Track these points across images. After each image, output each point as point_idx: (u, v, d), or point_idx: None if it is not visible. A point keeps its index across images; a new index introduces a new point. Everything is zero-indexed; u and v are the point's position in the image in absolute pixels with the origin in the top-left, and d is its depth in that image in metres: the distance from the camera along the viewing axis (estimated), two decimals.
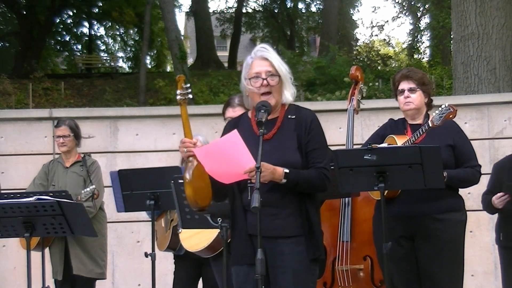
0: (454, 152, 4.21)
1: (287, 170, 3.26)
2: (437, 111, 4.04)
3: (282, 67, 3.42)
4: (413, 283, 4.23)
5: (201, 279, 5.12)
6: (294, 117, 3.43)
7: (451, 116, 4.02)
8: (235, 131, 3.30)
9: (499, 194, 4.86)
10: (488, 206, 5.02)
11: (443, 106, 4.03)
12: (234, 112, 4.19)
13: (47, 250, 5.46)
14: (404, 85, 4.31)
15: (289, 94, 3.47)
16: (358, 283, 4.53)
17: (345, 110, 4.92)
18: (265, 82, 3.37)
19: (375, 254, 4.46)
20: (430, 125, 4.04)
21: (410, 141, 4.11)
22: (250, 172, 3.19)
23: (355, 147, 4.85)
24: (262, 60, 3.40)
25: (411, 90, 4.29)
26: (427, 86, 4.36)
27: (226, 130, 3.54)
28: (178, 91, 3.44)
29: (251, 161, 3.19)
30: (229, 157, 3.26)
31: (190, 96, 3.48)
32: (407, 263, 4.21)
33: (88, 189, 5.29)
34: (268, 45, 3.52)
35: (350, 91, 4.94)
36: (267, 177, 3.21)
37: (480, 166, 4.30)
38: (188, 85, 3.49)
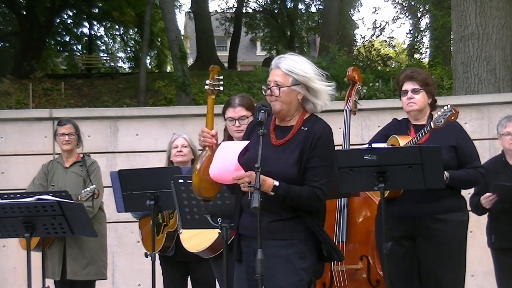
0: (456, 153, 4.21)
1: (276, 183, 3.22)
2: (439, 113, 4.04)
3: (298, 72, 3.34)
4: (413, 283, 4.23)
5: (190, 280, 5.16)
6: (306, 129, 3.38)
7: (452, 118, 4.02)
8: (247, 142, 3.32)
9: (487, 194, 4.92)
10: (476, 207, 5.07)
11: (445, 108, 4.02)
12: (234, 112, 4.20)
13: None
14: (408, 86, 4.30)
15: (315, 102, 3.40)
16: (355, 283, 4.53)
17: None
18: (268, 91, 3.38)
19: (371, 254, 4.47)
20: (432, 126, 4.04)
21: (413, 142, 4.11)
22: (238, 180, 3.21)
23: (352, 147, 4.86)
24: (276, 69, 3.40)
25: (414, 91, 4.28)
26: (431, 87, 4.35)
27: (247, 128, 3.61)
28: (208, 81, 3.44)
29: (239, 170, 3.23)
30: (226, 158, 3.30)
31: (221, 88, 3.48)
32: (407, 263, 4.21)
33: (88, 188, 5.29)
34: (296, 55, 3.44)
35: (347, 92, 4.94)
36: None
37: (482, 167, 4.31)
38: (221, 77, 3.49)
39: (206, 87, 3.45)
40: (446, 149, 4.11)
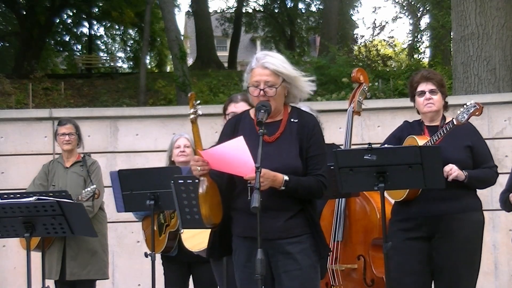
0: (472, 153, 4.21)
1: (287, 178, 3.26)
2: (462, 109, 4.05)
3: (286, 72, 3.39)
4: (426, 283, 4.20)
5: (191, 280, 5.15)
6: (296, 121, 3.43)
7: (477, 113, 4.04)
8: (241, 137, 3.28)
9: None
10: (505, 204, 5.06)
11: (468, 104, 4.04)
12: (236, 107, 4.18)
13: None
14: (424, 87, 4.28)
15: (297, 95, 3.47)
16: (351, 282, 4.55)
17: (345, 110, 4.92)
18: (262, 92, 3.37)
19: (367, 254, 4.48)
20: (455, 122, 4.06)
21: (432, 141, 4.10)
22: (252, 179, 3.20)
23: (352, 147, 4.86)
24: (263, 68, 3.39)
25: (432, 91, 4.27)
26: (445, 88, 4.38)
27: (227, 128, 3.55)
28: (191, 110, 3.43)
29: (253, 168, 3.19)
30: (232, 161, 3.27)
31: (200, 112, 3.46)
32: (420, 263, 4.17)
33: (89, 188, 5.29)
34: (272, 51, 3.52)
35: (353, 92, 4.93)
36: (267, 185, 3.21)
37: (496, 166, 4.32)
38: (198, 101, 3.49)
39: (191, 116, 3.43)
40: (462, 149, 4.15)
